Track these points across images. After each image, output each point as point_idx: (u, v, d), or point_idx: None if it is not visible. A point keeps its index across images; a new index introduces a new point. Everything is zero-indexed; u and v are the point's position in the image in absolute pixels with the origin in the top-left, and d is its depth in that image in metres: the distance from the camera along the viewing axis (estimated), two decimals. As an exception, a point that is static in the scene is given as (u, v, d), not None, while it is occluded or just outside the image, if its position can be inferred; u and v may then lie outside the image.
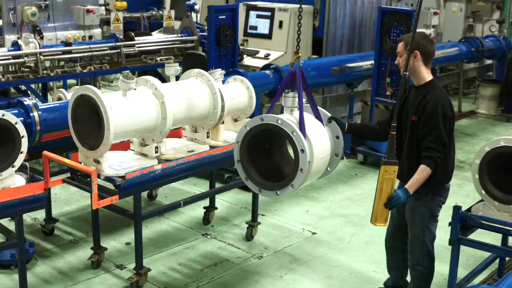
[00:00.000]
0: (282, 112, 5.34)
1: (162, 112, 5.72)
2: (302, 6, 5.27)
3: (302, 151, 4.85)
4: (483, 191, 5.14)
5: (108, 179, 5.56)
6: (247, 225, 7.17)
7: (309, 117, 5.20)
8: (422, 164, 5.05)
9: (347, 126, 5.50)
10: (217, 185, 7.67)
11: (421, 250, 5.41)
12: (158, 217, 7.51)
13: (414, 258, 5.50)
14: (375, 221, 5.05)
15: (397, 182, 5.14)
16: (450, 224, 5.20)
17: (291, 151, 5.11)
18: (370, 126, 6.01)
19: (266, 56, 10.34)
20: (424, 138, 5.08)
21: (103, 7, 13.67)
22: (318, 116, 5.34)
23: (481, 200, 5.35)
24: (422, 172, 5.03)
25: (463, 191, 8.34)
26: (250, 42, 10.90)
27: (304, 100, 5.18)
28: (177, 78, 6.50)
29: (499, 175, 5.14)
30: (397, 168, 4.91)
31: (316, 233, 7.43)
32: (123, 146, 6.17)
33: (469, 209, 5.40)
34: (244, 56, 10.35)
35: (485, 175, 5.11)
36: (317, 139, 5.07)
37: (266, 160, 5.33)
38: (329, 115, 5.42)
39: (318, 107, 5.38)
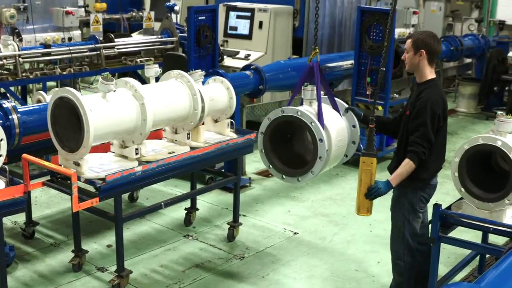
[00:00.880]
0: (301, 104, 5.77)
1: (142, 114, 5.70)
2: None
3: (321, 140, 5.30)
4: (462, 189, 5.17)
5: (88, 181, 5.53)
6: (229, 226, 7.16)
7: (327, 108, 5.62)
8: (407, 158, 5.18)
9: (363, 117, 5.71)
10: (198, 186, 7.65)
11: (401, 243, 5.49)
12: (139, 219, 7.49)
13: (394, 251, 5.60)
14: (358, 211, 5.36)
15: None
16: (430, 222, 5.22)
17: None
18: (383, 119, 6.04)
19: (247, 57, 10.34)
20: (412, 133, 5.21)
21: (83, 9, 13.60)
22: (335, 107, 5.74)
23: (461, 198, 5.37)
24: (405, 165, 5.16)
25: (444, 189, 8.37)
26: (230, 42, 10.89)
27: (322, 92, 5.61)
28: (157, 79, 6.50)
29: (478, 173, 5.17)
30: (375, 160, 5.17)
31: (297, 233, 7.44)
32: (104, 148, 6.15)
33: (449, 207, 5.43)
34: (225, 56, 10.34)
35: (464, 173, 5.14)
36: (335, 128, 5.49)
37: (288, 149, 5.75)
38: (346, 105, 5.77)
39: (336, 98, 5.78)
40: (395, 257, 5.59)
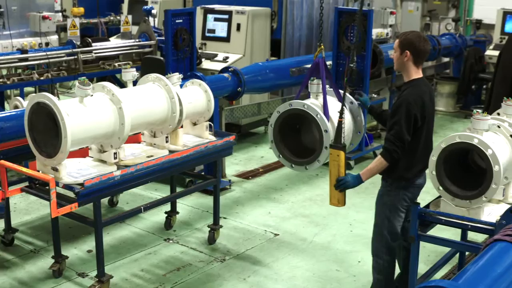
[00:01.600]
0: (309, 97, 6.09)
1: (119, 118, 5.69)
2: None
3: (326, 131, 5.60)
4: (440, 187, 5.19)
5: (67, 186, 5.51)
6: (209, 229, 7.16)
7: (332, 101, 5.91)
8: (379, 154, 5.33)
9: (370, 107, 6.00)
10: (178, 189, 7.64)
11: (380, 240, 5.55)
12: (120, 224, 7.47)
13: (374, 247, 5.66)
14: (330, 202, 5.63)
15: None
16: (409, 221, 5.25)
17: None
18: (386, 112, 6.04)
19: (225, 59, 10.35)
20: (388, 131, 5.31)
21: (60, 14, 13.54)
22: (340, 99, 5.93)
23: (440, 196, 5.39)
24: (376, 162, 5.34)
25: (424, 188, 8.37)
26: (208, 45, 10.90)
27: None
28: (135, 83, 6.48)
29: (455, 171, 5.19)
30: (342, 152, 5.41)
31: (278, 234, 7.44)
32: (82, 153, 6.12)
33: (427, 205, 5.46)
34: (203, 59, 10.36)
35: (442, 171, 5.15)
36: None
37: (296, 140, 6.06)
38: (351, 98, 6.02)
39: (341, 91, 5.96)
40: (375, 253, 5.65)
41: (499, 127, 5.37)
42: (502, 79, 6.77)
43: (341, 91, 5.78)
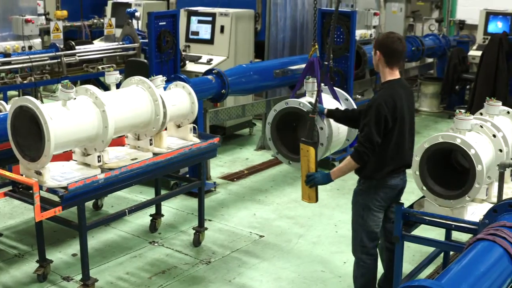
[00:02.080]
0: (304, 95, 6.36)
1: (103, 121, 5.67)
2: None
3: (321, 128, 5.86)
4: (424, 187, 5.21)
5: (51, 190, 5.49)
6: (194, 231, 7.15)
7: (327, 98, 6.16)
8: (349, 155, 5.38)
9: (328, 113, 5.93)
10: (163, 192, 7.63)
11: (356, 239, 5.59)
12: (105, 227, 7.45)
13: (352, 246, 5.69)
14: (302, 198, 5.81)
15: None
16: (393, 221, 5.26)
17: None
18: (348, 113, 6.06)
19: (209, 61, 10.34)
20: (360, 132, 5.36)
21: (43, 17, 13.49)
22: (335, 96, 6.31)
23: (423, 196, 5.41)
24: (346, 162, 5.38)
25: (408, 188, 8.29)
26: (192, 47, 10.88)
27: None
28: (118, 86, 6.47)
29: (438, 170, 5.21)
30: (311, 148, 5.59)
31: (263, 236, 7.45)
32: (66, 156, 6.10)
33: (411, 206, 5.47)
34: (187, 61, 10.34)
35: (425, 171, 5.17)
36: None
37: (293, 137, 6.17)
38: (346, 95, 6.29)
39: (335, 88, 6.37)
40: (353, 251, 5.68)
41: (481, 127, 5.40)
42: (485, 79, 6.81)
43: (343, 92, 5.87)
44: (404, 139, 5.41)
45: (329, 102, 6.12)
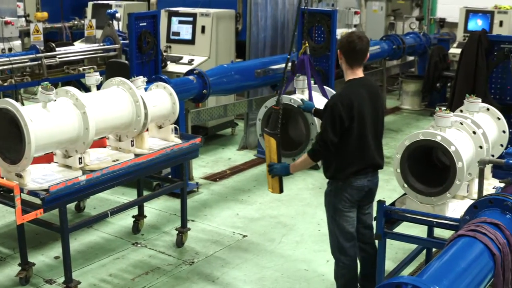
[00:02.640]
0: (294, 92, 6.55)
1: (84, 123, 5.66)
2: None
3: (312, 124, 6.02)
4: (405, 185, 5.22)
5: (32, 193, 5.46)
6: (177, 232, 7.14)
7: (317, 96, 6.33)
8: (307, 151, 5.53)
9: (314, 111, 6.06)
10: (146, 193, 7.61)
11: (333, 240, 5.60)
12: (87, 229, 7.42)
13: (330, 246, 5.70)
14: (268, 188, 6.02)
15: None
16: (375, 218, 5.27)
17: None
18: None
19: (190, 62, 10.33)
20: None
21: (23, 19, 13.44)
22: (324, 94, 6.43)
23: (405, 194, 5.43)
24: (303, 158, 5.53)
25: (390, 186, 8.47)
26: (173, 48, 10.86)
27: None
28: (99, 87, 6.45)
29: (419, 168, 5.23)
30: (273, 139, 5.78)
31: (246, 236, 7.45)
32: (47, 158, 6.07)
33: (393, 203, 5.49)
34: (168, 62, 10.32)
35: (406, 169, 5.19)
36: None
37: (284, 133, 6.16)
38: (335, 92, 6.38)
39: (324, 87, 6.53)
40: (332, 253, 5.69)
41: (461, 123, 5.43)
42: (465, 77, 6.83)
43: (331, 90, 5.94)
44: (366, 139, 5.34)
45: (318, 100, 6.23)
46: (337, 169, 5.38)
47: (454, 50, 12.89)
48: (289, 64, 6.34)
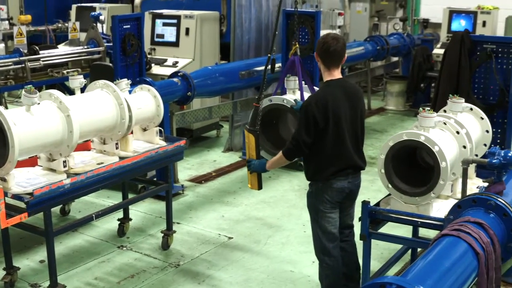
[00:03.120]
0: (285, 93, 6.77)
1: (68, 126, 5.64)
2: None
3: None
4: (389, 185, 5.25)
5: (16, 196, 5.43)
6: (163, 234, 7.13)
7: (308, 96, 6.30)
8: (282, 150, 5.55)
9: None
10: (131, 196, 7.59)
11: (316, 241, 5.64)
12: (72, 233, 7.40)
13: (314, 247, 5.74)
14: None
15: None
16: (360, 219, 5.29)
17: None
18: None
19: (174, 64, 10.32)
20: None
21: (6, 22, 13.38)
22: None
23: (390, 194, 5.45)
24: (278, 155, 5.55)
25: (375, 187, 8.50)
26: (158, 50, 10.85)
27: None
28: (83, 90, 6.43)
29: (403, 168, 5.26)
30: (251, 136, 5.96)
31: (232, 238, 7.45)
32: (31, 162, 6.05)
33: (378, 203, 5.51)
34: (152, 64, 10.30)
35: (391, 169, 5.21)
36: None
37: (275, 133, 6.56)
38: None
39: (314, 87, 6.66)
40: (315, 252, 5.71)
41: (445, 123, 5.45)
42: (448, 77, 6.86)
43: None
44: (343, 139, 5.33)
45: None
46: (316, 170, 5.41)
47: (438, 51, 12.96)
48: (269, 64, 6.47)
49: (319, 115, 5.19)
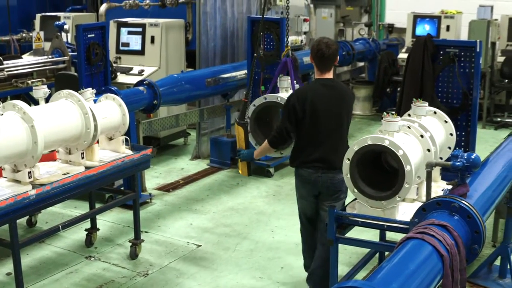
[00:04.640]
0: (278, 92, 7.69)
1: (32, 136, 5.58)
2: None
3: None
4: (355, 190, 5.26)
5: (-19, 209, 5.38)
6: (131, 244, 7.10)
7: None
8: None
9: None
10: (98, 205, 7.53)
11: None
12: (39, 244, 7.34)
13: None
14: None
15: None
16: (326, 224, 5.31)
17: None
18: None
19: (140, 72, 10.28)
20: None
21: (-30, 32, 13.26)
22: None
23: (356, 199, 5.47)
24: (264, 144, 6.07)
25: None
26: (123, 59, 10.80)
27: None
28: (48, 100, 6.38)
29: (369, 172, 5.28)
30: (241, 128, 6.54)
31: (201, 245, 7.44)
32: (-5, 173, 5.99)
33: (344, 208, 5.53)
34: (118, 73, 10.25)
35: (356, 174, 5.23)
36: None
37: (268, 130, 7.10)
38: None
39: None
40: None
41: (409, 127, 5.49)
42: (411, 81, 6.91)
43: None
44: (317, 133, 5.74)
45: None
46: (292, 157, 5.97)
47: (403, 55, 13.05)
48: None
49: (298, 106, 5.71)
